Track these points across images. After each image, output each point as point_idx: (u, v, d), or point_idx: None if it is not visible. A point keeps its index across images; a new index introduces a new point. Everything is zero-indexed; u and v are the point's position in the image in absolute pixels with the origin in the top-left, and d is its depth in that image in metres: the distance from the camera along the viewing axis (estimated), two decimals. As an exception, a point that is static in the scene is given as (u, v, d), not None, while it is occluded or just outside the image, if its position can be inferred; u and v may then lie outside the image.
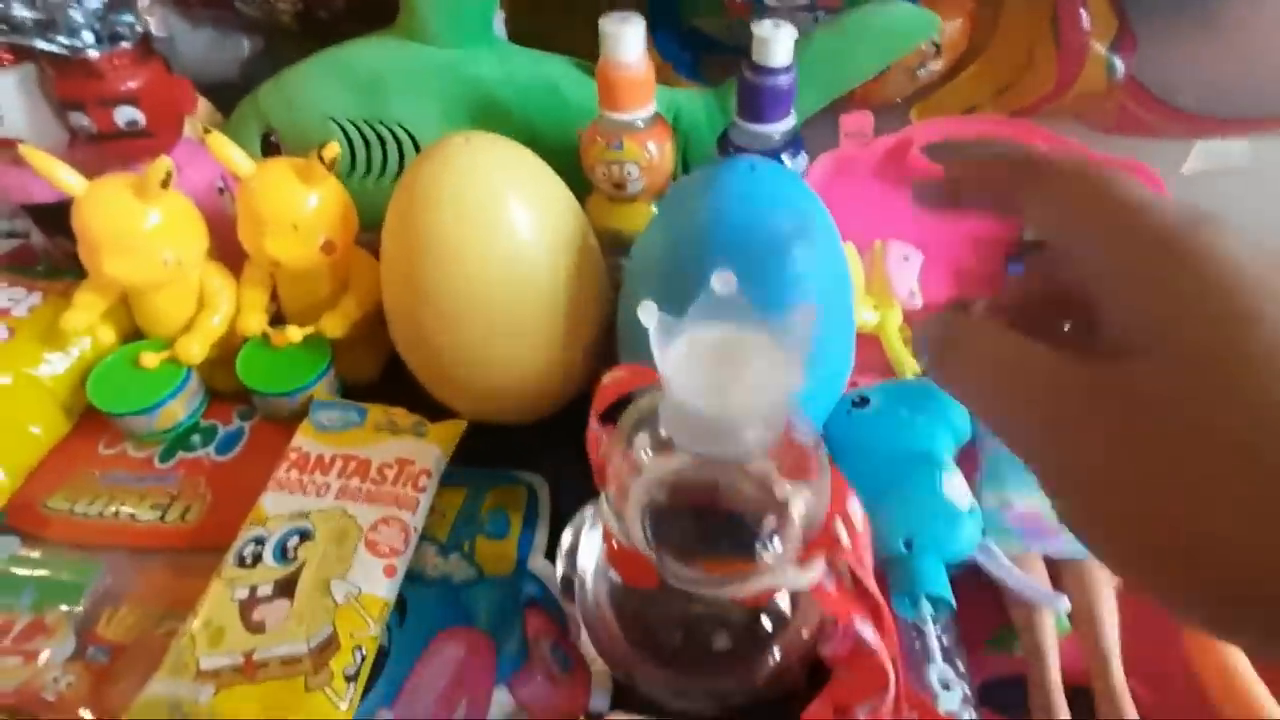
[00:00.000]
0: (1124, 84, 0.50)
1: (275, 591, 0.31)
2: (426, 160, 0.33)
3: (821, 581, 0.27)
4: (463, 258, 0.33)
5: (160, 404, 0.39)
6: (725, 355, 0.22)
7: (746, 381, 0.22)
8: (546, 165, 0.36)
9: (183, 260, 0.38)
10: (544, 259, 0.34)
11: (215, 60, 0.57)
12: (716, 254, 0.31)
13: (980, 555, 0.33)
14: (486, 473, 0.39)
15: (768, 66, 0.36)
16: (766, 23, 0.36)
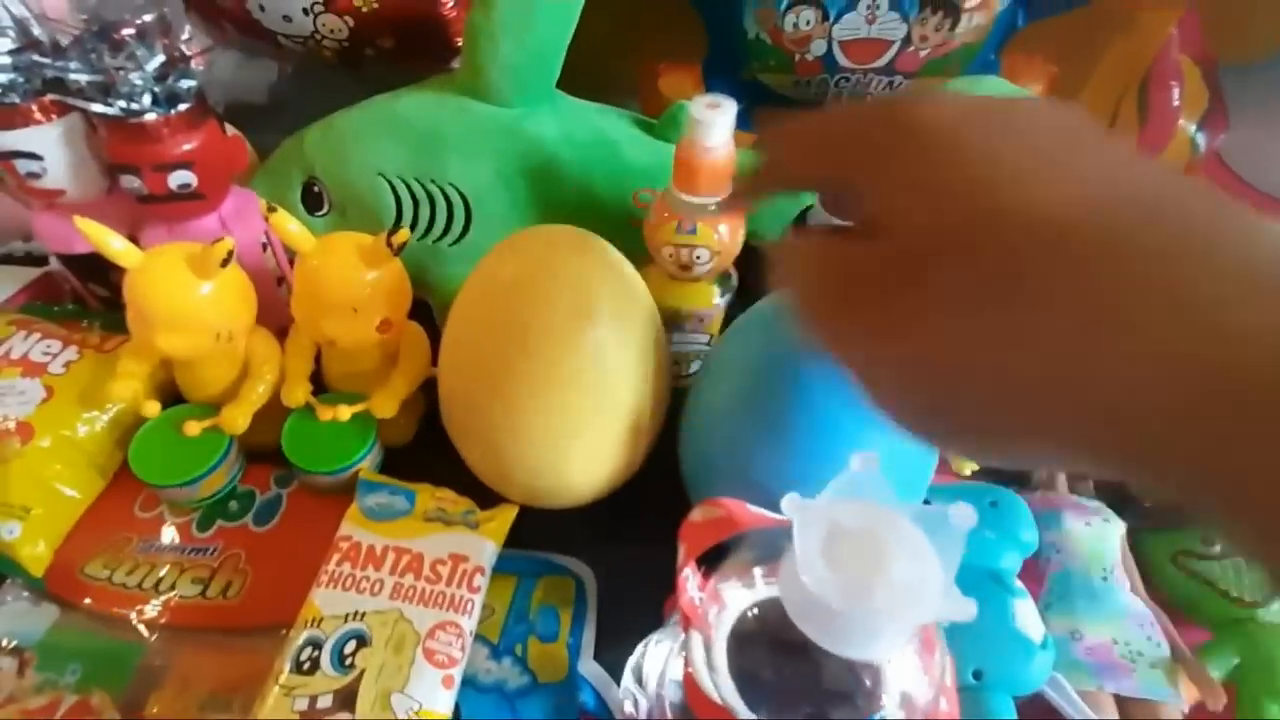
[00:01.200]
0: (1206, 162, 0.48)
1: (335, 704, 0.30)
2: (513, 251, 0.31)
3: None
4: (543, 356, 0.31)
5: (204, 475, 0.38)
6: (868, 548, 0.21)
7: (891, 581, 0.20)
8: (627, 262, 0.35)
9: (234, 334, 0.36)
10: (622, 361, 0.33)
11: (243, 84, 0.55)
12: (805, 392, 0.29)
13: (1051, 690, 0.32)
14: (533, 559, 0.38)
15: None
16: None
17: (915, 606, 0.19)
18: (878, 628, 0.20)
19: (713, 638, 0.25)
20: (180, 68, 0.35)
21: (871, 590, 0.20)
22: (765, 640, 0.25)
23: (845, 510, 0.21)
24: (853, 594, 0.20)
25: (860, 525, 0.20)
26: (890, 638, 0.21)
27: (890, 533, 0.20)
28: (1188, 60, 0.45)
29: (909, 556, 0.20)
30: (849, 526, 0.20)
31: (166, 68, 0.34)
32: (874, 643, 0.21)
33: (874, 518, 0.21)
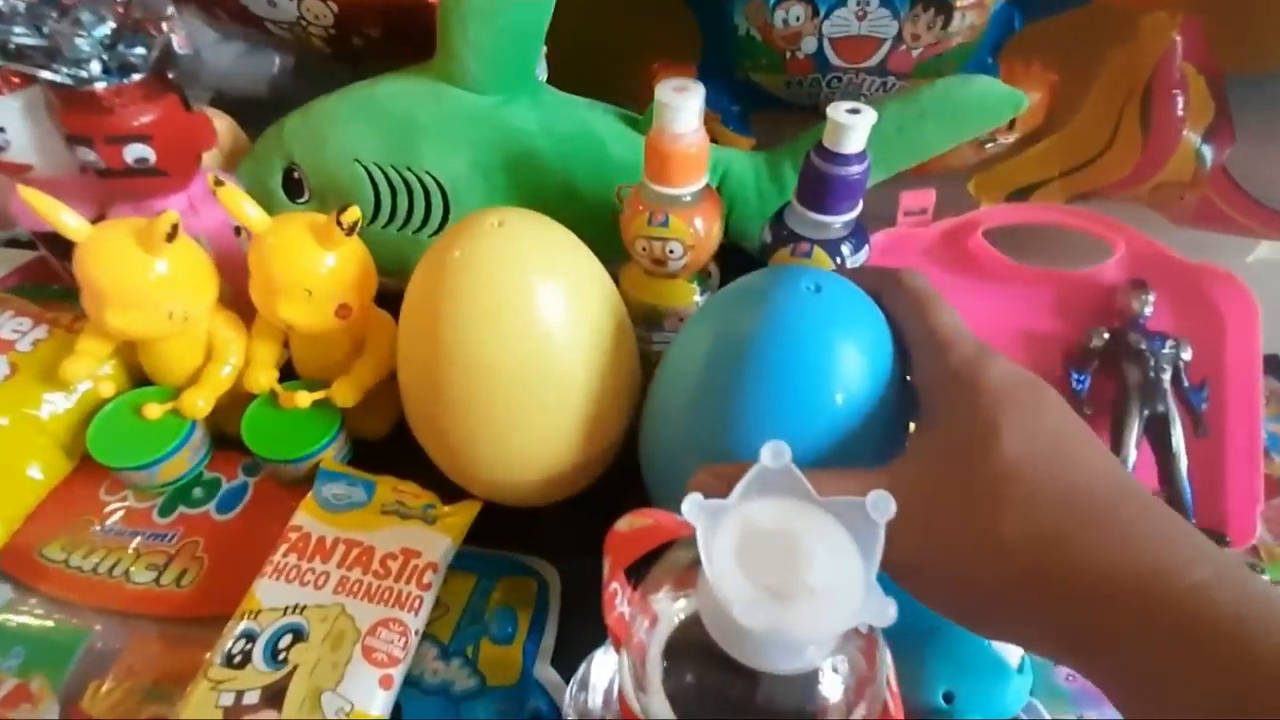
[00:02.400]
0: (1212, 175, 0.46)
1: (262, 700, 0.29)
2: (454, 240, 0.30)
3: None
4: (483, 349, 0.30)
5: (162, 459, 0.37)
6: (783, 551, 0.19)
7: (811, 588, 0.19)
8: (585, 248, 0.33)
9: (189, 314, 0.36)
10: (572, 353, 0.32)
11: (243, 74, 0.55)
12: (756, 384, 0.28)
13: (1024, 715, 0.30)
14: (495, 557, 0.37)
15: (841, 154, 0.33)
16: (842, 107, 0.32)
17: (837, 611, 0.18)
18: (799, 637, 0.18)
19: (645, 655, 0.23)
20: (131, 35, 0.34)
21: (789, 597, 0.18)
22: (701, 655, 0.23)
23: (758, 509, 0.19)
24: (769, 603, 0.18)
25: (775, 525, 0.19)
26: (815, 646, 0.19)
27: (807, 531, 0.19)
28: (1192, 70, 0.43)
29: (829, 556, 0.18)
30: (763, 527, 0.19)
31: (117, 35, 0.34)
32: (797, 654, 0.19)
33: (789, 515, 0.19)
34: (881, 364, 0.28)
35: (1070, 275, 0.43)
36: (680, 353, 0.32)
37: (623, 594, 0.26)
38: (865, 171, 0.34)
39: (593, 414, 0.34)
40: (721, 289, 0.32)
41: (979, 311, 0.44)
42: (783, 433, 0.23)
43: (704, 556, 0.19)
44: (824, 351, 0.27)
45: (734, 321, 0.29)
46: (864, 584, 0.18)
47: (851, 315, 0.28)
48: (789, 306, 0.28)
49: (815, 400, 0.27)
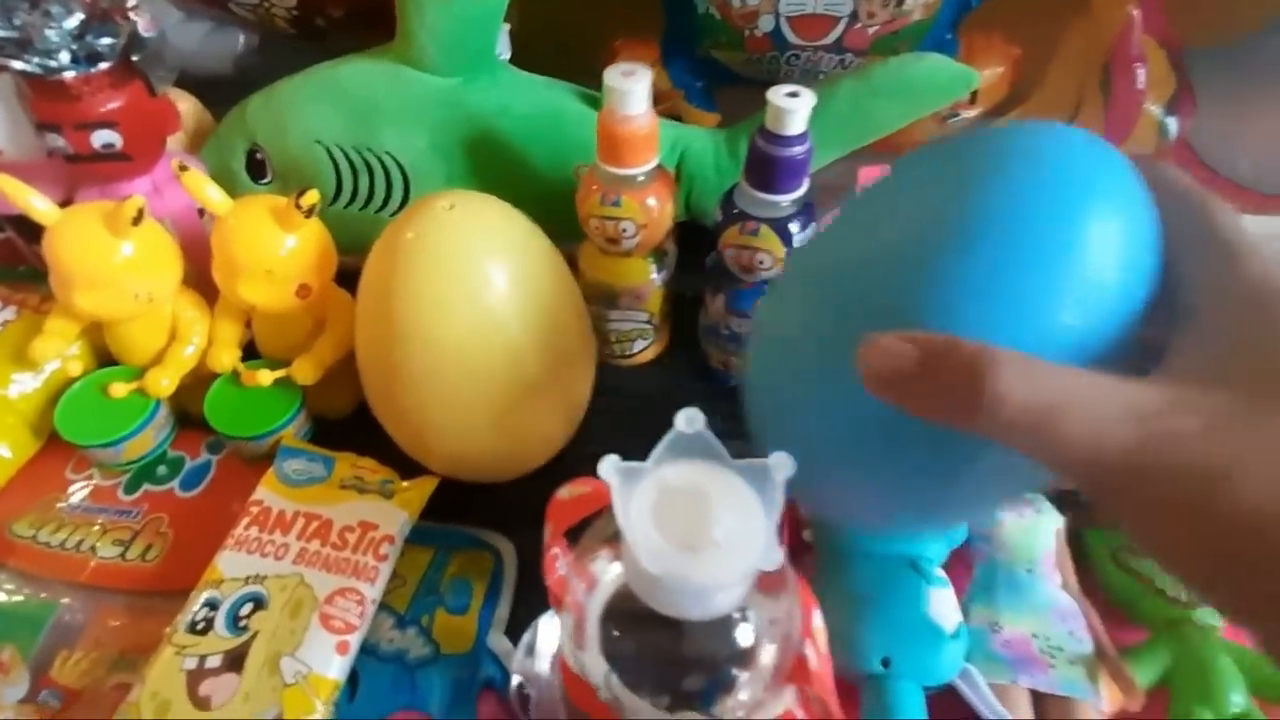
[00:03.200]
0: (1175, 148, 0.46)
1: (224, 664, 0.30)
2: (407, 223, 0.31)
3: (790, 709, 0.26)
4: (435, 328, 0.31)
5: (127, 437, 0.38)
6: (691, 509, 0.20)
7: (716, 541, 0.20)
8: (535, 229, 0.34)
9: (154, 295, 0.36)
10: (523, 332, 0.32)
11: (210, 54, 0.55)
12: (979, 256, 0.19)
13: (961, 681, 0.31)
14: (453, 532, 0.38)
15: (782, 136, 0.33)
16: (783, 91, 0.33)
17: (739, 559, 0.19)
18: (707, 584, 0.19)
19: (584, 615, 0.24)
20: (99, 25, 0.35)
21: (696, 549, 0.19)
22: (634, 613, 0.24)
23: (672, 471, 0.20)
24: (678, 554, 0.19)
25: (687, 484, 0.20)
26: (724, 593, 0.20)
27: (716, 489, 0.20)
28: (1151, 42, 0.44)
29: (736, 511, 0.20)
30: (676, 486, 0.20)
31: (86, 25, 0.34)
32: (709, 601, 0.20)
33: (701, 476, 0.20)
34: (1146, 246, 0.19)
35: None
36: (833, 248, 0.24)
37: (563, 558, 0.27)
38: (808, 152, 0.34)
39: (546, 391, 0.35)
40: (899, 160, 0.24)
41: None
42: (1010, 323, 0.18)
43: (620, 513, 0.20)
44: (1072, 221, 0.19)
45: (947, 182, 0.21)
46: (765, 535, 0.19)
47: (1118, 179, 0.20)
48: (1028, 158, 0.20)
49: (1058, 281, 0.18)
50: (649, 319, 0.44)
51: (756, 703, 0.24)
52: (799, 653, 0.26)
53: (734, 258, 0.38)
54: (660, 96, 0.54)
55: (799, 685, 0.25)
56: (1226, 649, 0.32)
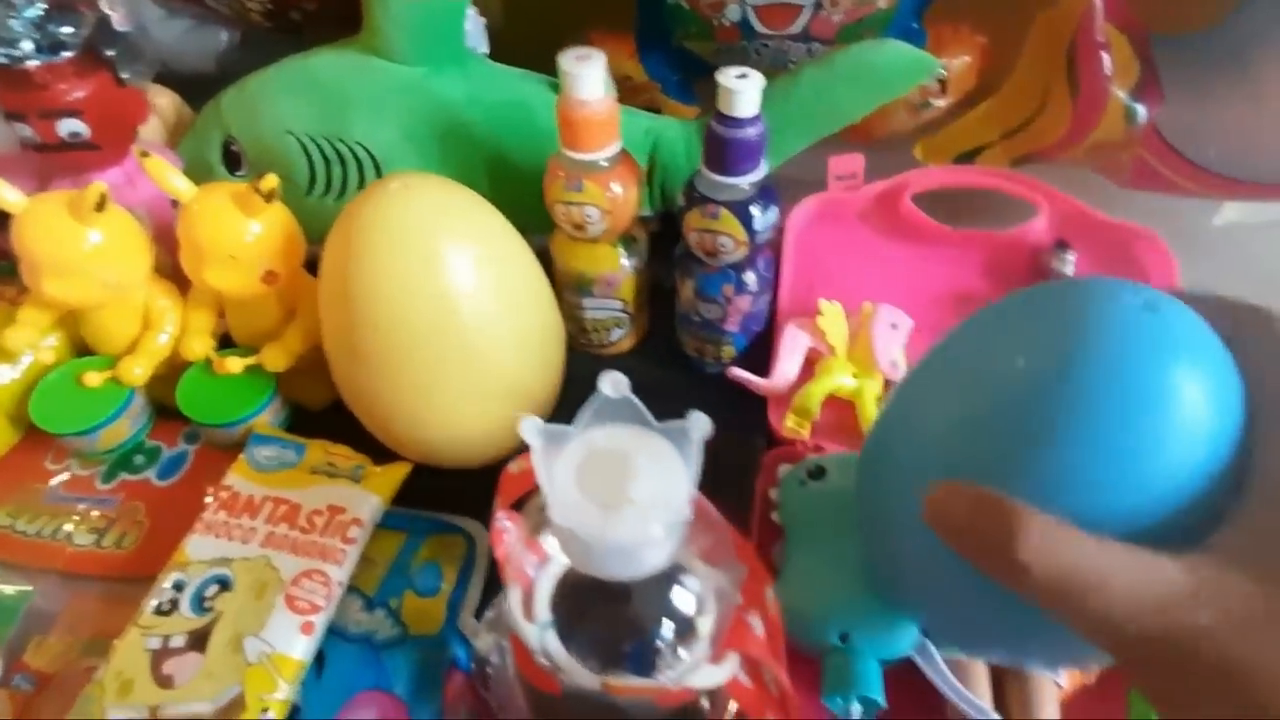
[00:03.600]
0: (1144, 135, 0.47)
1: (188, 644, 0.31)
2: (361, 205, 0.31)
3: (736, 677, 0.26)
4: (391, 309, 0.31)
5: (101, 425, 0.39)
6: (613, 470, 0.21)
7: (637, 500, 0.20)
8: (492, 210, 0.34)
9: (124, 282, 0.37)
10: (480, 312, 0.33)
11: (191, 51, 0.56)
12: (1080, 426, 0.19)
13: (918, 655, 0.32)
14: (426, 518, 0.38)
15: (734, 118, 0.34)
16: (731, 72, 0.33)
17: (658, 516, 0.20)
18: (625, 542, 0.20)
19: (532, 588, 0.25)
20: (62, 15, 0.35)
21: (614, 508, 0.20)
22: (585, 586, 0.24)
23: (598, 434, 0.21)
24: (595, 513, 0.20)
25: (611, 447, 0.20)
26: (650, 552, 0.21)
27: (639, 451, 0.21)
28: (1114, 29, 0.44)
29: (657, 471, 0.20)
30: (601, 449, 0.20)
31: (48, 14, 0.35)
32: (634, 560, 0.21)
33: (626, 438, 0.21)
34: (1226, 417, 0.19)
35: (997, 236, 0.44)
36: (921, 402, 0.25)
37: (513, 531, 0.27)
38: (761, 134, 0.34)
39: (511, 373, 0.35)
40: (984, 310, 0.24)
41: (911, 274, 0.45)
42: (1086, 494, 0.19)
43: (541, 476, 0.20)
44: (1160, 391, 0.19)
45: (1026, 347, 0.21)
46: (684, 494, 0.20)
47: (1198, 346, 0.20)
48: (1113, 326, 0.19)
49: (1134, 454, 0.19)
50: (623, 307, 0.44)
51: (698, 669, 0.24)
52: (745, 622, 0.26)
53: (697, 242, 0.39)
54: (638, 89, 0.54)
55: (744, 654, 0.26)
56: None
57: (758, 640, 0.26)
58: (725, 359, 0.44)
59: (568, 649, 0.24)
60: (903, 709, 0.31)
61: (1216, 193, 0.46)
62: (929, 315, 0.43)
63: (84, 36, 0.36)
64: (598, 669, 0.24)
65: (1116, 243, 0.42)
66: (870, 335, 0.40)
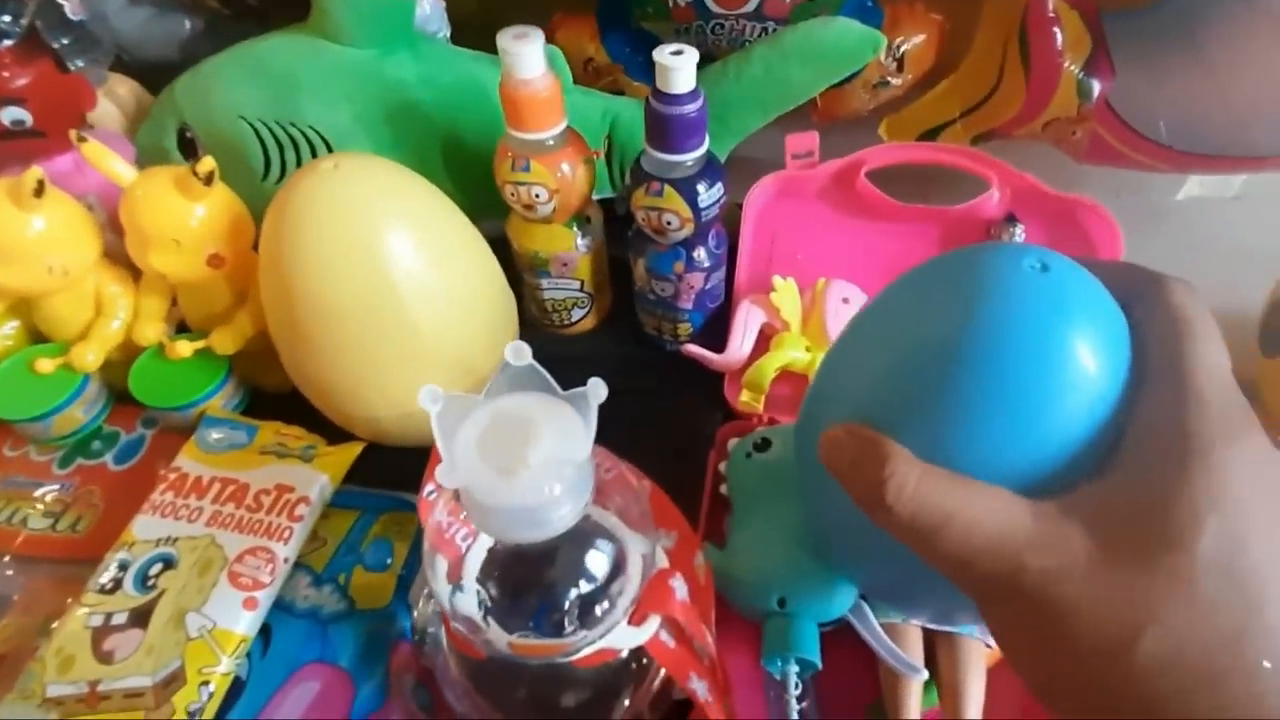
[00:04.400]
0: (1097, 110, 0.47)
1: (129, 621, 0.31)
2: (294, 187, 0.31)
3: (658, 637, 0.26)
4: (326, 289, 0.31)
5: (54, 411, 0.39)
6: (516, 436, 0.21)
7: (529, 463, 0.21)
8: (432, 187, 0.34)
9: (69, 269, 0.37)
10: (418, 290, 0.33)
11: (153, 38, 0.55)
12: (973, 382, 0.20)
13: (853, 617, 0.32)
14: (381, 495, 0.38)
15: (672, 94, 0.34)
16: (667, 49, 0.33)
17: (552, 480, 0.20)
18: (523, 505, 0.20)
19: (460, 556, 0.25)
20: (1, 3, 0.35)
21: (512, 473, 0.20)
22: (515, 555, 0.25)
23: (504, 402, 0.21)
24: (494, 477, 0.20)
25: (514, 413, 0.21)
26: (556, 515, 0.21)
27: (540, 417, 0.21)
28: (1064, 5, 0.44)
29: (558, 436, 0.21)
30: (504, 416, 0.21)
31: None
32: (540, 524, 0.21)
33: (529, 405, 0.21)
34: (1112, 379, 0.20)
35: (950, 211, 0.44)
36: (848, 356, 0.26)
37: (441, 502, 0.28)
38: (701, 109, 0.34)
39: (457, 352, 0.35)
40: (907, 273, 0.25)
41: (868, 249, 0.45)
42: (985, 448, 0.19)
43: (440, 442, 0.20)
44: (1047, 349, 0.19)
45: (928, 310, 0.22)
46: (583, 457, 0.20)
47: (1088, 308, 0.20)
48: (1007, 287, 0.20)
49: (1021, 408, 0.19)
50: (582, 287, 0.44)
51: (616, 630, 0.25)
52: (668, 586, 0.26)
53: (645, 219, 0.39)
54: (602, 71, 0.54)
55: (667, 616, 0.26)
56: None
57: (680, 603, 0.27)
58: (683, 336, 0.44)
59: (495, 615, 0.25)
60: (838, 670, 0.31)
61: (1167, 166, 0.46)
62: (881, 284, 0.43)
63: (24, 24, 0.36)
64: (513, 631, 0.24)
65: (1064, 215, 0.42)
66: (823, 310, 0.41)
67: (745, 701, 0.32)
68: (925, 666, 0.31)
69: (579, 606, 0.24)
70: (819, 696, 0.32)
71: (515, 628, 0.24)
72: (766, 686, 0.32)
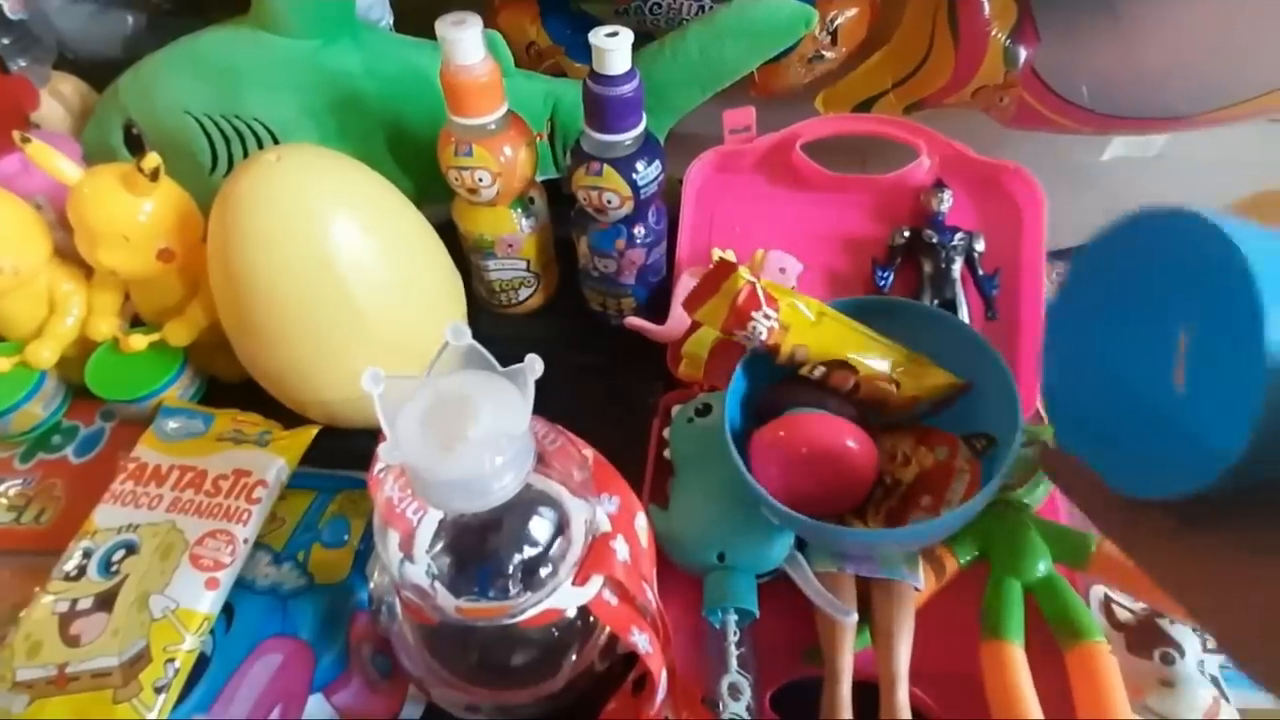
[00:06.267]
0: (1023, 76, 0.48)
1: (95, 605, 0.32)
2: (237, 179, 0.32)
3: (601, 596, 0.28)
4: (276, 282, 0.32)
5: (12, 409, 0.39)
6: (456, 412, 0.22)
7: (469, 438, 0.22)
8: (376, 175, 0.35)
9: (21, 269, 0.37)
10: (371, 276, 0.34)
11: (96, 36, 0.55)
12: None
13: (788, 566, 0.34)
14: (336, 476, 0.40)
15: (608, 75, 0.35)
16: (602, 31, 0.34)
17: (490, 453, 0.21)
18: (463, 477, 0.21)
19: (413, 531, 0.26)
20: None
21: (452, 448, 0.21)
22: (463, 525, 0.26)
23: (445, 381, 0.22)
24: (434, 452, 0.21)
25: (456, 391, 0.22)
26: (492, 482, 0.22)
27: (480, 394, 0.22)
28: (989, -28, 0.45)
29: (498, 412, 0.22)
30: (446, 394, 0.22)
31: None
32: (481, 494, 0.22)
33: (470, 383, 0.22)
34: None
35: (882, 180, 0.46)
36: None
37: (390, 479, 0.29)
38: (637, 89, 0.36)
39: (403, 334, 0.36)
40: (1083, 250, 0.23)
41: (804, 220, 0.47)
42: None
43: (383, 421, 0.22)
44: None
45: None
46: (521, 429, 0.22)
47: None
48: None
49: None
50: (527, 266, 0.46)
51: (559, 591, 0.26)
52: (610, 548, 0.28)
53: (586, 199, 0.40)
54: (544, 54, 0.55)
55: (608, 576, 0.28)
56: (1036, 524, 0.34)
57: (622, 564, 0.28)
58: (627, 311, 0.45)
59: (444, 582, 0.26)
60: (776, 618, 0.33)
61: (1090, 128, 0.48)
62: (819, 257, 0.45)
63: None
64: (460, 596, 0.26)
65: (990, 180, 0.44)
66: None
67: (687, 650, 0.34)
68: (858, 612, 0.33)
69: (523, 570, 0.26)
70: (757, 644, 0.34)
71: (463, 593, 0.26)
72: (707, 636, 0.34)
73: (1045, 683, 0.31)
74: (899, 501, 0.35)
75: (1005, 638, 0.32)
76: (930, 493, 0.35)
